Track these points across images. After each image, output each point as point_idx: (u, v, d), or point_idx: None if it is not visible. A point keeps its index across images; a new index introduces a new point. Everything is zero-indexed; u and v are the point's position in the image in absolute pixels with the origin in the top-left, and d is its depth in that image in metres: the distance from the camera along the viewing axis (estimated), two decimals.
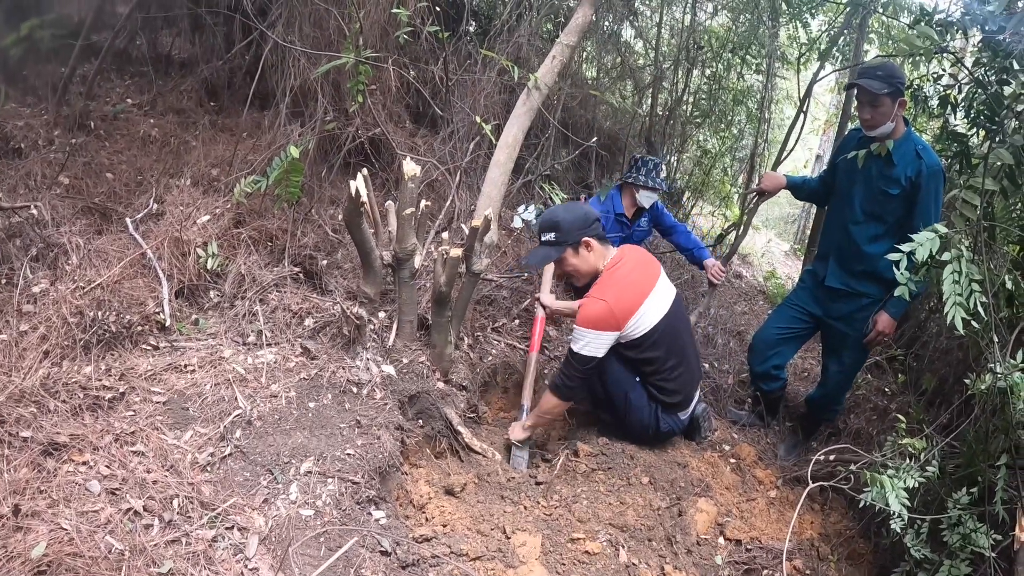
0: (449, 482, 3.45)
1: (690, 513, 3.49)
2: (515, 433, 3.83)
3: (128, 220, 3.88)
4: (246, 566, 2.59)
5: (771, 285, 8.09)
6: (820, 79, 5.32)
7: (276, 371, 3.45)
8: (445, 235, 3.62)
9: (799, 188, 4.36)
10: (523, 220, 4.02)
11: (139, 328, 3.37)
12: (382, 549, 2.90)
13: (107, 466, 2.69)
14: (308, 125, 4.28)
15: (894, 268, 2.70)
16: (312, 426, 3.24)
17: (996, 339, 2.61)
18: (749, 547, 3.48)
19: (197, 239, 3.74)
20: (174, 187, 4.10)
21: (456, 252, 3.40)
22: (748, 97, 7.76)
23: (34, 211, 3.62)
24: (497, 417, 4.14)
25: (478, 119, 4.02)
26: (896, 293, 2.77)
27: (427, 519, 3.23)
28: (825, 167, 4.50)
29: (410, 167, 3.34)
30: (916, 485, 2.81)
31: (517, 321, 4.58)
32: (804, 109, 5.55)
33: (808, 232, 8.54)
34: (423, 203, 3.51)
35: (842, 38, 6.58)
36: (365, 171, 3.40)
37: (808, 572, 3.47)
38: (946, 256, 2.59)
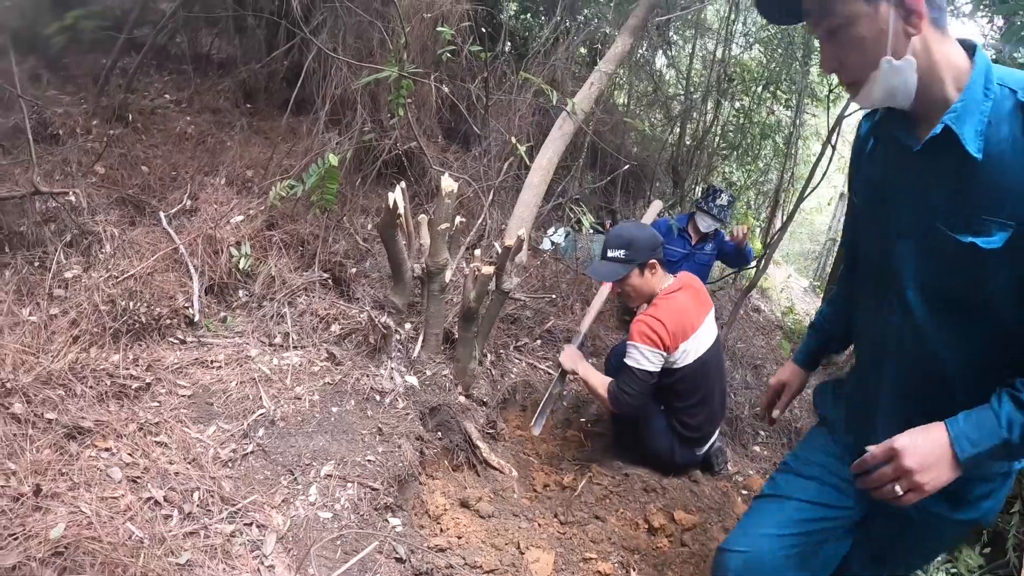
0: (465, 495, 3.45)
1: (701, 540, 3.49)
2: (568, 358, 3.87)
3: (162, 214, 3.92)
4: (262, 563, 2.60)
5: (789, 320, 8.08)
6: (848, 115, 5.32)
7: (301, 374, 3.46)
8: (477, 252, 3.63)
9: (815, 353, 2.62)
10: (552, 242, 4.03)
11: (168, 321, 3.40)
12: (397, 556, 2.90)
13: (130, 454, 2.71)
14: (346, 135, 4.32)
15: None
16: (334, 430, 3.25)
17: None
18: None
19: (230, 238, 3.77)
20: (208, 185, 4.14)
21: (488, 270, 3.42)
22: (776, 132, 7.79)
23: (72, 197, 3.66)
24: (514, 435, 4.14)
25: (513, 139, 4.05)
26: None
27: (442, 530, 3.23)
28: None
29: (448, 183, 3.36)
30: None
31: (539, 341, 4.59)
32: (832, 143, 5.56)
33: (828, 270, 8.46)
34: (457, 219, 3.53)
35: None
36: (403, 184, 3.42)
37: None
38: None
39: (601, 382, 3.69)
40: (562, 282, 4.98)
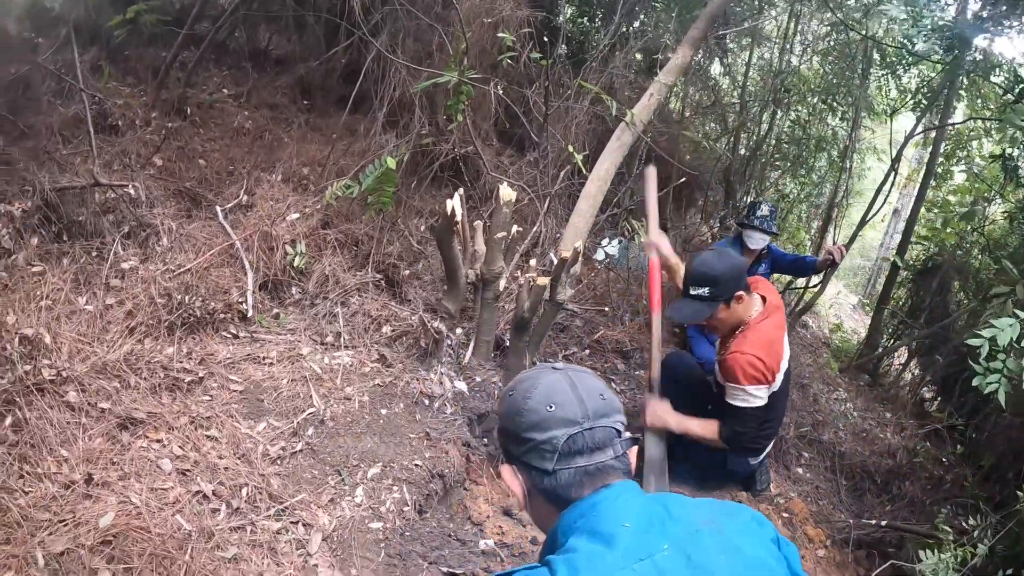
0: (508, 503, 3.41)
1: None
2: (654, 416, 3.45)
3: (218, 208, 3.95)
4: (307, 561, 2.60)
5: (836, 338, 7.90)
6: (917, 135, 5.18)
7: (351, 374, 3.46)
8: (533, 262, 3.60)
9: None
10: (606, 253, 3.95)
11: (222, 316, 3.42)
12: (442, 563, 2.87)
13: (180, 447, 2.73)
14: (404, 137, 4.31)
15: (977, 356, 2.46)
16: (382, 432, 3.24)
17: None
18: None
19: (285, 235, 3.79)
20: (264, 181, 4.17)
21: (543, 281, 3.38)
22: (832, 145, 7.62)
23: (131, 190, 3.70)
24: None
25: (570, 148, 4.01)
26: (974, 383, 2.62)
27: (484, 537, 3.18)
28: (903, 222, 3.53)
29: (507, 193, 3.34)
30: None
31: (588, 351, 4.53)
32: (896, 165, 5.42)
33: (879, 287, 8.23)
34: (514, 228, 3.50)
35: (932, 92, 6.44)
36: (461, 191, 3.40)
37: None
38: None
39: (709, 430, 3.48)
40: (613, 292, 4.90)
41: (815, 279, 5.94)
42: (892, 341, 6.19)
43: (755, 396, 3.33)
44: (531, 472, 1.42)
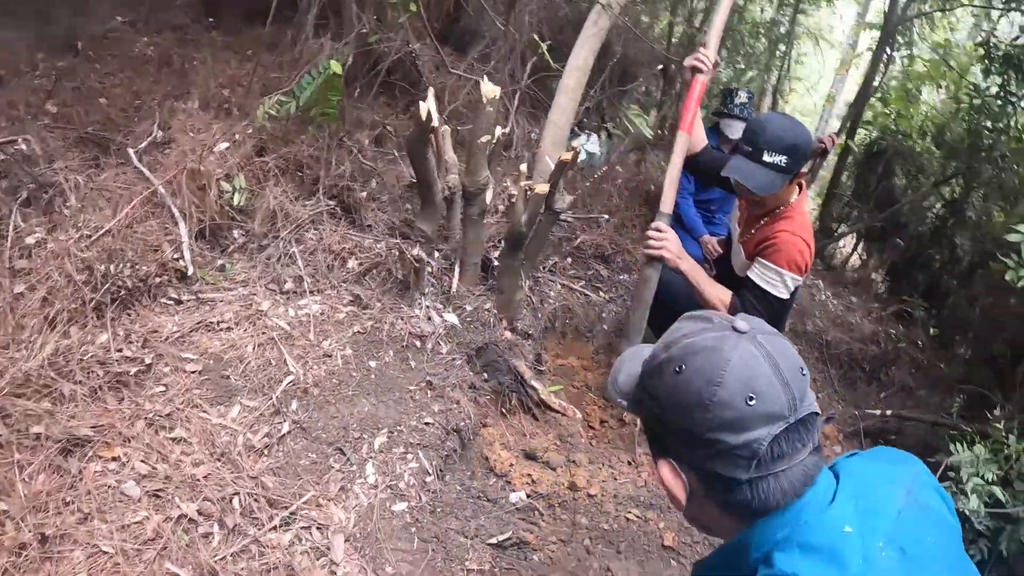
0: (529, 445, 2.85)
1: None
2: (674, 247, 2.71)
3: (130, 150, 3.05)
4: (334, 573, 1.96)
5: None
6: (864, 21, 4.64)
7: (325, 324, 2.76)
8: (523, 167, 2.88)
9: None
10: (587, 152, 3.20)
11: (157, 280, 2.62)
12: (483, 534, 2.30)
13: (144, 460, 2.00)
14: (340, 41, 3.41)
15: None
16: (377, 390, 2.58)
17: None
18: None
19: (216, 170, 2.95)
20: (180, 111, 3.25)
21: (543, 188, 2.69)
22: (769, 31, 6.94)
23: (22, 145, 2.80)
24: (555, 365, 3.49)
25: (536, 37, 3.25)
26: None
27: (513, 490, 2.61)
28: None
29: (490, 89, 2.61)
30: (994, 478, 2.55)
31: (570, 259, 3.89)
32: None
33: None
34: (498, 130, 2.78)
35: None
36: (432, 91, 2.65)
37: None
38: None
39: (715, 293, 2.80)
40: (585, 193, 4.18)
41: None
42: (839, 226, 5.83)
43: (785, 286, 2.67)
44: (711, 479, 1.04)
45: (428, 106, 2.54)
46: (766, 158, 2.54)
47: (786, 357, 1.04)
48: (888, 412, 3.42)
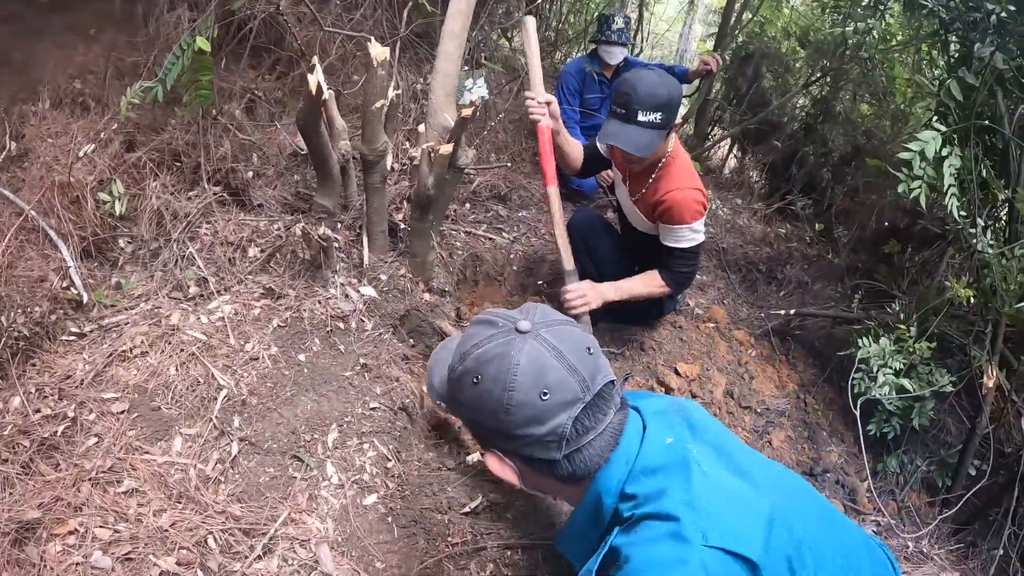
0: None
1: (707, 388, 3.23)
2: (591, 297, 2.92)
3: None
4: None
5: None
6: None
7: (242, 325, 2.61)
8: (422, 128, 2.76)
9: None
10: (480, 96, 3.06)
11: (52, 317, 2.37)
12: (456, 506, 2.31)
13: (103, 525, 1.86)
14: (202, 9, 3.03)
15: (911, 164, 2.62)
16: (314, 384, 2.50)
17: (980, 222, 2.76)
18: (758, 410, 3.29)
19: (88, 178, 2.65)
20: (30, 115, 2.84)
21: (447, 149, 2.59)
22: None
23: None
24: (473, 313, 3.48)
25: None
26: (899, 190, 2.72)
27: (468, 452, 2.63)
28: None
29: (378, 50, 2.44)
30: (902, 367, 2.84)
31: (468, 205, 3.82)
32: None
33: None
34: (392, 92, 2.63)
35: None
36: (316, 60, 2.46)
37: (802, 423, 3.35)
38: (945, 151, 2.65)
39: (649, 287, 2.98)
40: (473, 134, 4.05)
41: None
42: (713, 129, 5.98)
43: (700, 232, 2.87)
44: (532, 462, 1.21)
45: (317, 78, 2.36)
46: (641, 118, 2.58)
47: (569, 344, 1.17)
48: (792, 312, 3.63)
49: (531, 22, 2.94)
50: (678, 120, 2.71)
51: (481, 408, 1.17)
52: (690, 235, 2.84)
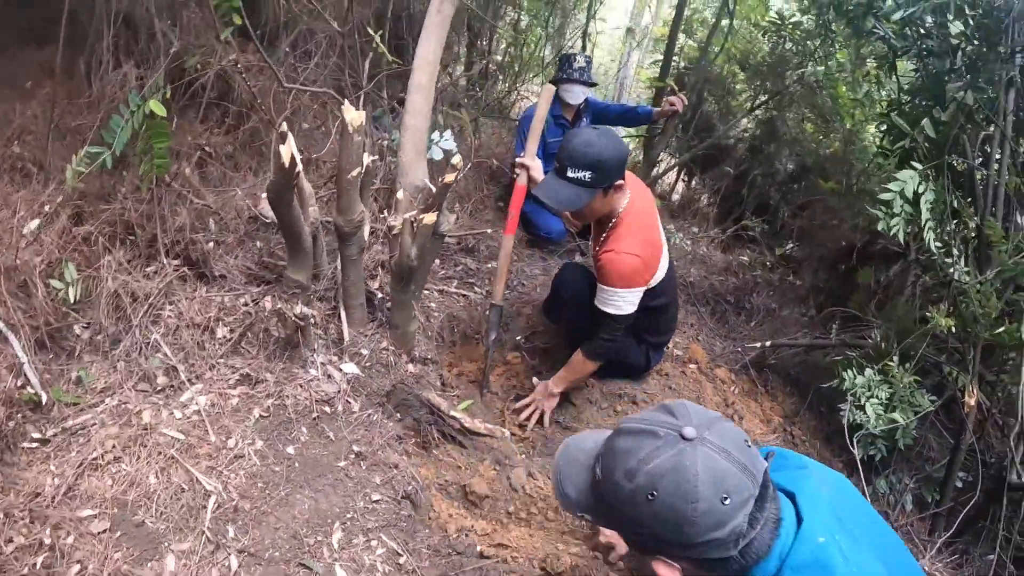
0: (468, 483, 2.64)
1: None
2: (551, 394, 3.10)
3: None
4: None
5: None
6: None
7: (221, 418, 2.41)
8: (401, 195, 2.62)
9: None
10: (443, 150, 2.96)
11: (11, 424, 2.12)
12: None
13: None
14: (149, 66, 2.77)
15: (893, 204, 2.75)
16: (308, 480, 2.32)
17: (956, 251, 2.93)
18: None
19: (35, 260, 2.40)
20: None
21: (431, 218, 2.46)
22: None
23: None
24: (454, 376, 3.33)
25: (370, 30, 2.88)
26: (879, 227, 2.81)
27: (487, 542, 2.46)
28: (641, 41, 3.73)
29: (355, 115, 2.30)
30: (887, 396, 2.91)
31: (437, 261, 3.67)
32: None
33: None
34: (367, 159, 2.48)
35: None
36: (284, 127, 2.29)
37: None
38: (921, 188, 2.79)
39: (579, 369, 3.02)
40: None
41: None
42: (660, 157, 6.01)
43: (628, 302, 2.81)
44: (705, 563, 1.21)
45: (290, 149, 2.20)
46: (570, 174, 2.61)
47: (733, 442, 1.18)
48: (768, 344, 3.63)
49: (550, 91, 2.98)
50: (619, 181, 2.69)
51: (662, 523, 1.17)
52: (616, 300, 2.80)
